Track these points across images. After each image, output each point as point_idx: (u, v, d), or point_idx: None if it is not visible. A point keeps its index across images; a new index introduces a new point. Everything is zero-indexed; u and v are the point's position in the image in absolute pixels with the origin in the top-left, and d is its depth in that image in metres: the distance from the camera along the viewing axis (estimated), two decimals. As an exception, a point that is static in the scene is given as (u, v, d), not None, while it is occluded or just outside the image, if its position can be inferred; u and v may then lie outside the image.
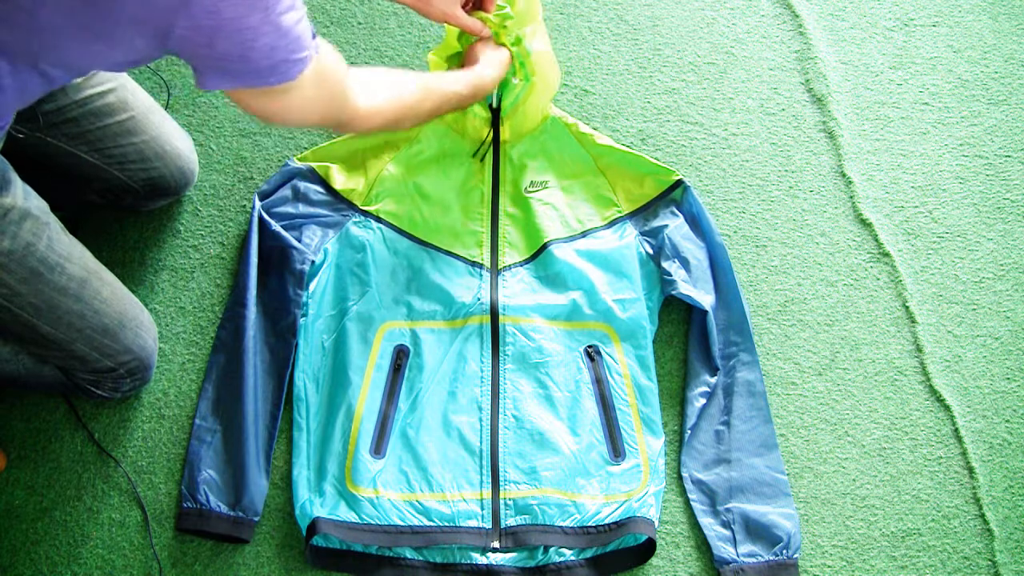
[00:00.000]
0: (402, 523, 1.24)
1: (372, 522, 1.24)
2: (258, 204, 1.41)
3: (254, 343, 1.33)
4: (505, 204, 1.45)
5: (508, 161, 1.47)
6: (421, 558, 1.26)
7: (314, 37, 0.97)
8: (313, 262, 1.38)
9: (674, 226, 1.43)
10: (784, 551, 1.27)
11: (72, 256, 1.14)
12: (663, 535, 1.30)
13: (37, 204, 1.10)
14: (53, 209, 1.14)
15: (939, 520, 1.34)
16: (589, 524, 1.26)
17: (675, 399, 1.37)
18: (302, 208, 1.41)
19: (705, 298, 1.39)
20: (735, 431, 1.34)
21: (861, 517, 1.33)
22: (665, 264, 1.40)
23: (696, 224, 1.44)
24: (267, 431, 1.31)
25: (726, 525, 1.29)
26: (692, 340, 1.40)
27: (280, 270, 1.37)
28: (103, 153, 1.26)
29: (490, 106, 1.48)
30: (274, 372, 1.34)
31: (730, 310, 1.40)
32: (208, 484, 1.27)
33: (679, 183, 1.45)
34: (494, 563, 1.25)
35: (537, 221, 1.42)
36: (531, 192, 1.45)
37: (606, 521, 1.26)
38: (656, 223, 1.44)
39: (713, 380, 1.37)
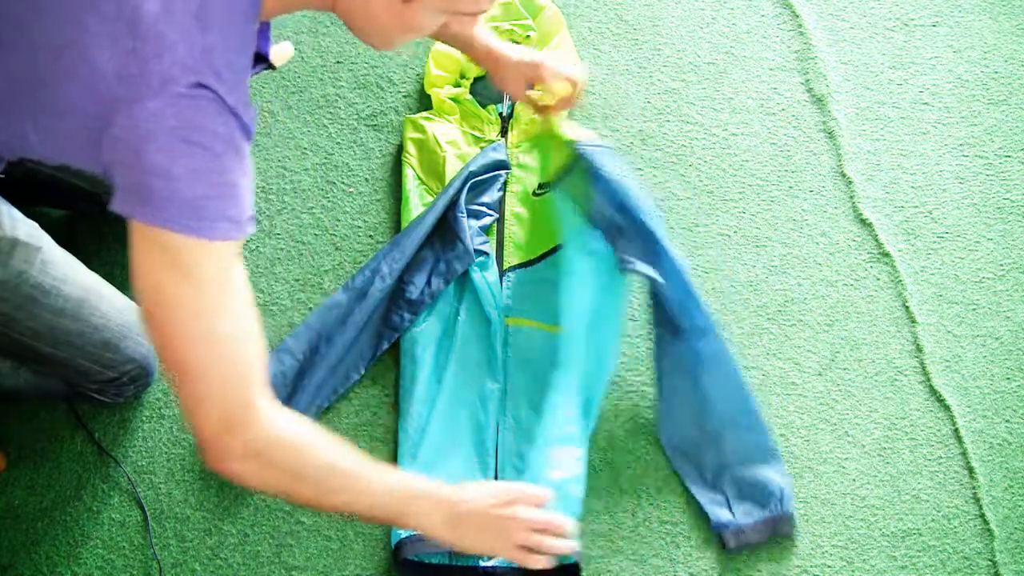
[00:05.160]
0: (402, 523, 1.24)
1: (372, 522, 1.24)
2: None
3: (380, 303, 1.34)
4: (512, 205, 1.45)
5: (515, 163, 1.46)
6: (418, 558, 1.26)
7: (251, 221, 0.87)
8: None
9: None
10: (778, 505, 1.28)
11: (67, 277, 1.11)
12: (663, 535, 1.30)
13: (26, 230, 1.07)
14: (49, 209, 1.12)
15: (939, 520, 1.34)
16: (589, 524, 1.26)
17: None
18: None
19: (655, 272, 1.32)
20: (711, 401, 1.32)
21: (861, 517, 1.33)
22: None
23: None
24: (344, 373, 1.34)
25: (718, 489, 1.29)
26: (655, 314, 1.35)
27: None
28: (91, 180, 1.24)
29: (500, 114, 1.48)
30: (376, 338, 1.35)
31: (674, 284, 1.33)
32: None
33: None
34: (491, 564, 1.25)
35: (544, 224, 1.42)
36: (539, 195, 1.44)
37: (606, 521, 1.26)
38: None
39: (681, 349, 1.33)
